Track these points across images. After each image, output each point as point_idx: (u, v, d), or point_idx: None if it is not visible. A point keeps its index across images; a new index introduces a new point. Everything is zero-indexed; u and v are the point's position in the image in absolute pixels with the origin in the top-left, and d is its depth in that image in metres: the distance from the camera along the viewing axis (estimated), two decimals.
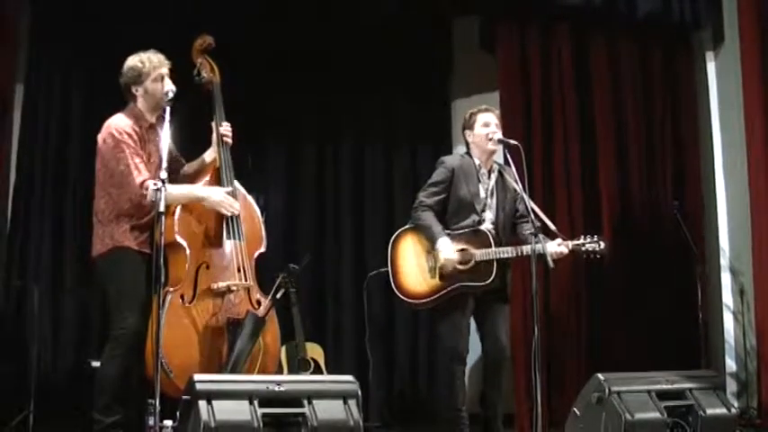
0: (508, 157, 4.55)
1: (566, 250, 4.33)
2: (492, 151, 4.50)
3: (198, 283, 4.06)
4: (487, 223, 4.44)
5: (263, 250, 4.34)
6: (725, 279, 5.93)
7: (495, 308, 4.43)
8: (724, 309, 5.88)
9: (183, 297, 4.02)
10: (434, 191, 4.49)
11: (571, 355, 5.70)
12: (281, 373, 5.05)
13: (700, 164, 6.11)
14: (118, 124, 4.00)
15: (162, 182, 3.60)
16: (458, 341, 4.34)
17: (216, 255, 4.14)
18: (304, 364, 5.37)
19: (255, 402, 3.47)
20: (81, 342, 5.35)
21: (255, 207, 4.42)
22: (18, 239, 5.30)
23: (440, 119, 6.45)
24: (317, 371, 5.38)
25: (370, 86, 6.28)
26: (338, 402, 3.62)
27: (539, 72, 5.94)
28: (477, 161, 4.51)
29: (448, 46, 6.56)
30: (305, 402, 3.56)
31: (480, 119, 4.51)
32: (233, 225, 4.19)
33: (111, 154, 3.96)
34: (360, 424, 3.61)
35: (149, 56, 4.06)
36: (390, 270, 4.47)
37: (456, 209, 4.45)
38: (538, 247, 4.14)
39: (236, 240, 4.18)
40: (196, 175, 4.31)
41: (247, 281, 4.18)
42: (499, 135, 4.46)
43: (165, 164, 3.69)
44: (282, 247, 5.73)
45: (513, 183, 4.41)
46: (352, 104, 6.31)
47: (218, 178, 4.27)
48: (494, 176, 4.51)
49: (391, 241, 4.52)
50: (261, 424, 3.42)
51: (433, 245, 4.38)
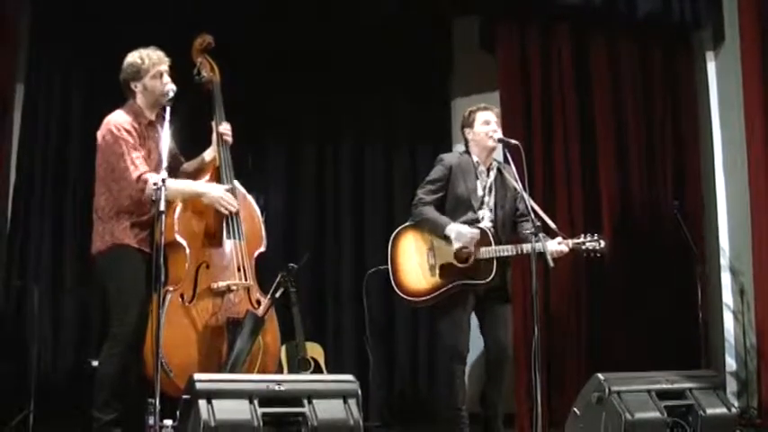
0: (508, 156, 4.54)
1: (566, 249, 4.32)
2: (491, 149, 4.50)
3: (198, 283, 4.06)
4: (486, 221, 4.43)
5: (262, 250, 4.34)
6: (725, 279, 5.92)
7: (496, 307, 4.42)
8: (724, 308, 5.88)
9: (182, 296, 4.02)
10: (432, 188, 4.48)
11: (571, 354, 5.69)
12: (281, 372, 5.05)
13: (700, 163, 6.11)
14: (117, 121, 3.99)
15: (162, 181, 3.60)
16: (458, 340, 4.33)
17: (216, 254, 4.14)
18: (304, 363, 5.37)
19: (255, 402, 3.46)
20: (81, 342, 5.35)
21: (255, 207, 4.41)
22: (18, 239, 5.31)
23: (440, 119, 6.46)
24: (317, 370, 5.38)
25: (370, 86, 6.29)
26: (338, 402, 3.61)
27: (539, 72, 5.93)
28: (475, 159, 4.51)
29: (448, 46, 6.56)
30: (305, 402, 3.55)
31: (480, 117, 4.50)
32: (233, 224, 4.18)
33: (110, 150, 3.95)
34: (360, 423, 3.60)
35: (149, 52, 4.06)
36: (390, 268, 4.45)
37: (453, 206, 4.45)
38: (538, 246, 4.14)
39: (236, 240, 4.18)
40: (196, 174, 4.31)
41: (247, 280, 4.17)
42: (499, 134, 4.46)
43: (165, 163, 3.69)
44: (282, 246, 5.73)
45: (513, 181, 4.41)
46: (352, 104, 6.32)
47: (217, 177, 4.26)
48: (492, 174, 4.50)
49: (391, 239, 4.51)
50: (261, 423, 3.42)
51: (440, 233, 4.35)
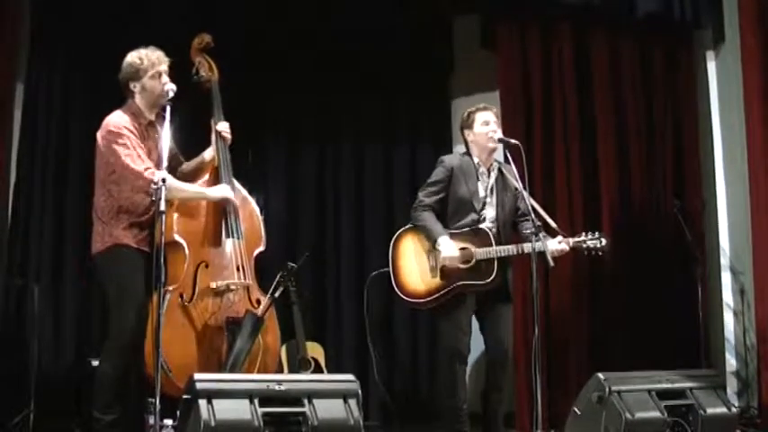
0: (508, 155, 4.54)
1: (566, 248, 4.32)
2: (492, 149, 4.49)
3: (197, 282, 4.06)
4: (488, 222, 4.43)
5: (262, 249, 4.34)
6: (725, 278, 5.90)
7: (497, 308, 4.42)
8: (724, 308, 5.86)
9: (182, 296, 4.02)
10: (433, 190, 4.48)
11: (571, 354, 5.68)
12: (281, 372, 5.05)
13: (700, 163, 6.10)
14: (117, 122, 4.00)
15: (162, 180, 3.60)
16: (459, 340, 4.33)
17: (215, 254, 4.14)
18: (304, 363, 5.37)
19: (256, 401, 3.45)
20: (81, 341, 5.34)
21: (255, 206, 4.41)
22: (18, 239, 5.30)
23: (440, 118, 6.44)
24: (317, 370, 5.38)
25: (370, 86, 6.28)
26: (338, 401, 3.61)
27: (539, 71, 5.92)
28: (476, 160, 4.50)
29: (448, 45, 6.55)
30: (305, 401, 3.54)
31: (479, 117, 4.50)
32: (232, 224, 4.18)
33: (110, 150, 3.95)
34: (360, 423, 3.60)
35: (148, 52, 4.06)
36: (391, 270, 4.45)
37: (455, 208, 4.45)
38: (538, 246, 4.13)
39: (235, 239, 4.18)
40: (195, 174, 4.31)
41: (246, 280, 4.18)
42: (499, 134, 4.46)
43: (165, 162, 3.69)
44: (282, 246, 5.72)
45: (513, 180, 4.41)
46: (352, 104, 6.31)
47: (217, 177, 4.27)
48: (493, 175, 4.50)
49: (392, 241, 4.51)
50: (261, 423, 3.42)
51: (433, 244, 4.38)
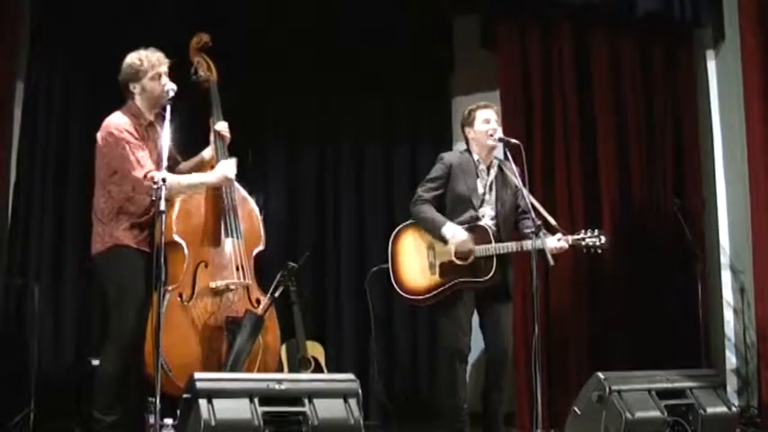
0: (508, 154, 4.54)
1: (566, 245, 4.32)
2: (492, 147, 4.49)
3: (196, 282, 4.06)
4: (487, 219, 4.43)
5: (261, 248, 4.34)
6: (725, 277, 5.90)
7: (497, 306, 4.41)
8: (724, 307, 5.86)
9: (181, 296, 4.02)
10: (432, 186, 4.48)
11: (571, 353, 5.68)
12: (281, 371, 5.05)
13: (700, 162, 6.10)
14: (117, 123, 3.99)
15: (162, 180, 3.60)
16: (459, 338, 4.33)
17: (214, 253, 4.14)
18: (304, 362, 5.37)
19: (256, 401, 3.45)
20: (81, 341, 5.35)
21: (254, 205, 4.41)
22: (18, 238, 5.30)
23: (440, 118, 6.45)
24: (317, 369, 5.38)
25: (370, 86, 6.28)
26: (339, 401, 3.60)
27: (539, 71, 5.93)
28: (476, 157, 4.50)
29: (448, 45, 6.55)
30: (305, 401, 3.54)
31: (480, 115, 4.49)
32: (231, 223, 4.18)
33: (112, 153, 3.95)
34: (360, 423, 3.60)
35: (147, 54, 4.06)
36: (391, 266, 4.45)
37: (453, 205, 4.44)
38: (538, 243, 4.13)
39: (234, 239, 4.18)
40: (193, 173, 4.30)
41: (246, 279, 4.17)
42: (500, 132, 4.46)
43: (165, 162, 3.69)
44: (282, 246, 5.72)
45: (513, 178, 4.40)
46: (352, 104, 6.31)
47: None
48: (493, 172, 4.49)
49: (392, 237, 4.51)
50: (261, 422, 3.41)
51: (437, 234, 4.35)
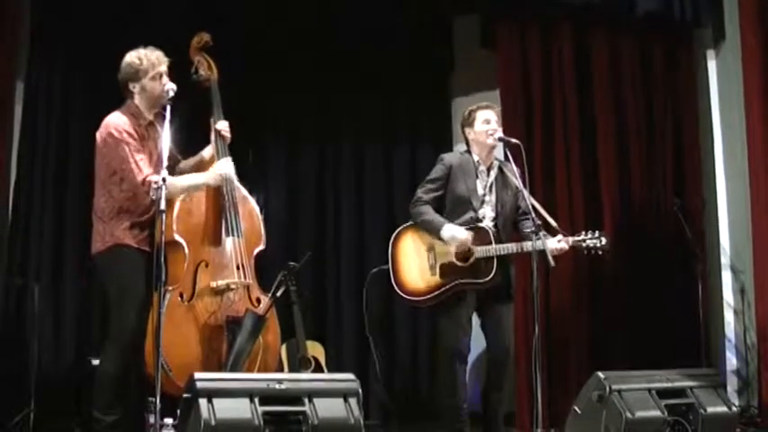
0: (508, 154, 4.53)
1: (566, 246, 4.31)
2: (492, 148, 4.49)
3: (197, 282, 4.05)
4: (487, 220, 4.42)
5: (262, 248, 4.34)
6: (725, 277, 5.91)
7: (498, 307, 4.40)
8: (725, 307, 5.86)
9: (181, 295, 4.02)
10: (431, 187, 4.49)
11: (572, 353, 5.68)
12: (281, 371, 5.05)
13: (700, 162, 6.10)
14: (117, 123, 3.99)
15: (162, 180, 3.60)
16: (459, 339, 4.33)
17: (215, 253, 4.14)
18: (305, 362, 5.37)
19: (256, 400, 3.45)
20: (81, 341, 5.34)
21: (255, 205, 4.41)
22: (18, 238, 5.30)
23: (440, 118, 6.45)
24: (317, 369, 5.38)
25: (370, 86, 6.28)
26: (339, 401, 3.60)
27: (539, 71, 5.92)
28: (476, 158, 4.50)
29: (448, 45, 6.56)
30: (305, 400, 3.54)
31: (480, 116, 4.49)
32: (232, 221, 4.18)
33: (112, 153, 3.95)
34: (360, 422, 3.60)
35: (147, 53, 4.05)
36: (391, 268, 4.45)
37: (453, 206, 4.44)
38: (538, 244, 4.13)
39: (235, 237, 4.18)
40: (194, 173, 4.30)
41: (247, 279, 4.17)
42: (500, 133, 4.46)
43: (165, 162, 3.69)
44: (282, 246, 5.72)
45: (514, 178, 4.40)
46: (352, 104, 6.31)
47: None
48: (493, 173, 4.49)
49: (392, 239, 4.51)
50: (261, 422, 3.41)
51: (436, 235, 4.35)
